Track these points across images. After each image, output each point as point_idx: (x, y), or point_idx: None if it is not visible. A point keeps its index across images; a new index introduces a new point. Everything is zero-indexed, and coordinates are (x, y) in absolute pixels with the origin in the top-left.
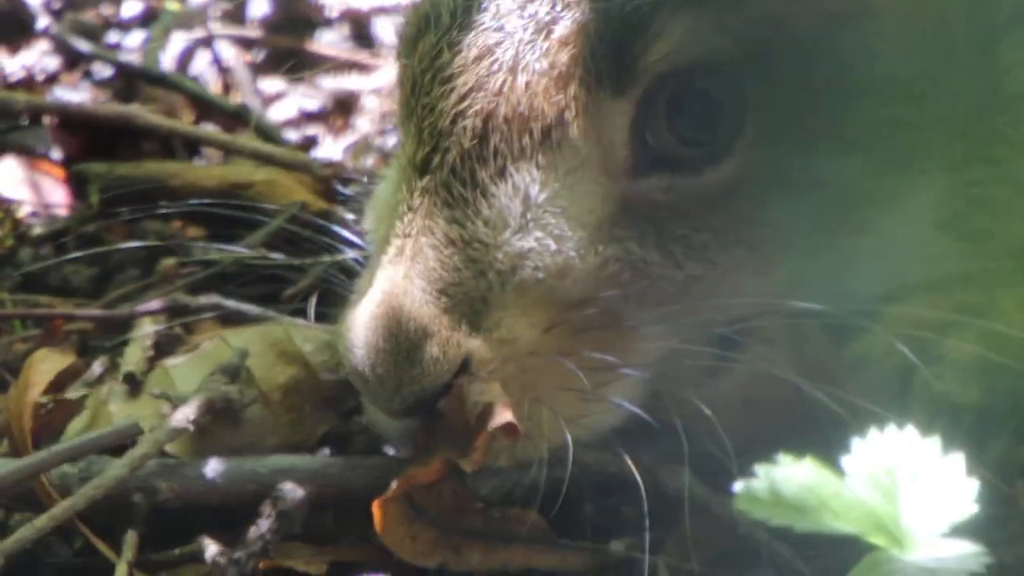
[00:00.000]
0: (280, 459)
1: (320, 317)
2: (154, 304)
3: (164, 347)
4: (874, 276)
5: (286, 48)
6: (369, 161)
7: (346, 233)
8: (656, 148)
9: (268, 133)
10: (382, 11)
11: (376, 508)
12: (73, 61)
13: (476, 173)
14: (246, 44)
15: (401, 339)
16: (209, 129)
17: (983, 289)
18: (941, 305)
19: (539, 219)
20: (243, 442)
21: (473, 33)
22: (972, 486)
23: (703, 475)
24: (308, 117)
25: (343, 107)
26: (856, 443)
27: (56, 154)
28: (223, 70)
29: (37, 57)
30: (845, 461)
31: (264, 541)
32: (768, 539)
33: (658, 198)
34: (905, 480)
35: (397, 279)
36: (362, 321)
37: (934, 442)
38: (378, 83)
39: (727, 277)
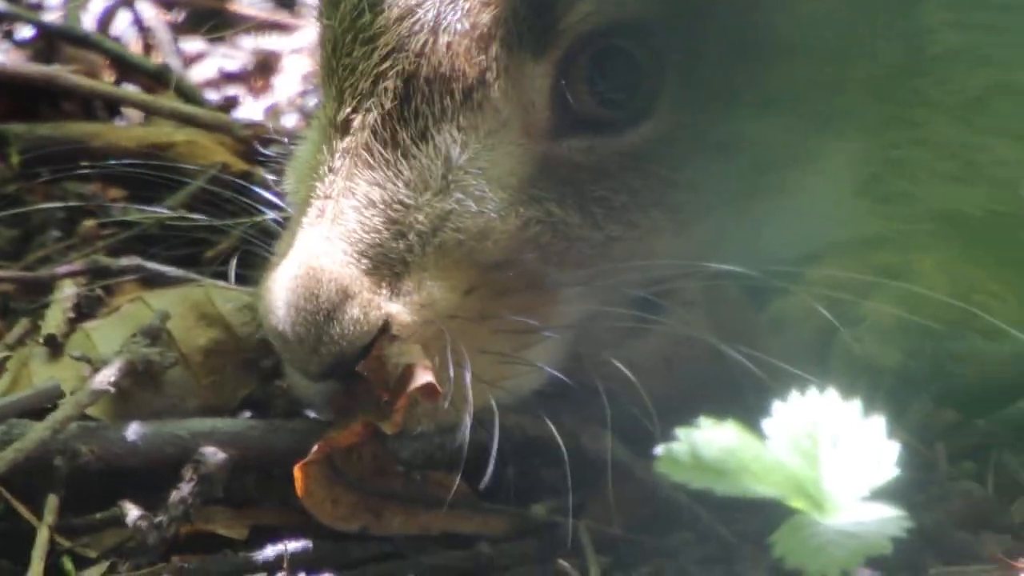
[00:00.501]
0: (201, 422)
1: (241, 279)
2: (75, 266)
3: (85, 309)
4: (792, 238)
5: (207, 8)
6: (290, 122)
7: (267, 194)
8: (577, 109)
9: (189, 94)
10: None
11: (297, 471)
12: None
13: (397, 134)
14: (167, 4)
15: (321, 299)
16: (130, 90)
17: (902, 251)
18: (860, 267)
19: (460, 181)
20: (164, 405)
21: None
22: (893, 449)
23: (625, 438)
24: (229, 78)
25: (264, 68)
26: (777, 406)
27: None
28: (144, 30)
29: None
30: (766, 424)
31: (185, 505)
32: (689, 502)
33: (578, 159)
34: (826, 443)
35: (318, 240)
36: (282, 282)
37: (855, 405)
38: (299, 43)
39: (646, 239)
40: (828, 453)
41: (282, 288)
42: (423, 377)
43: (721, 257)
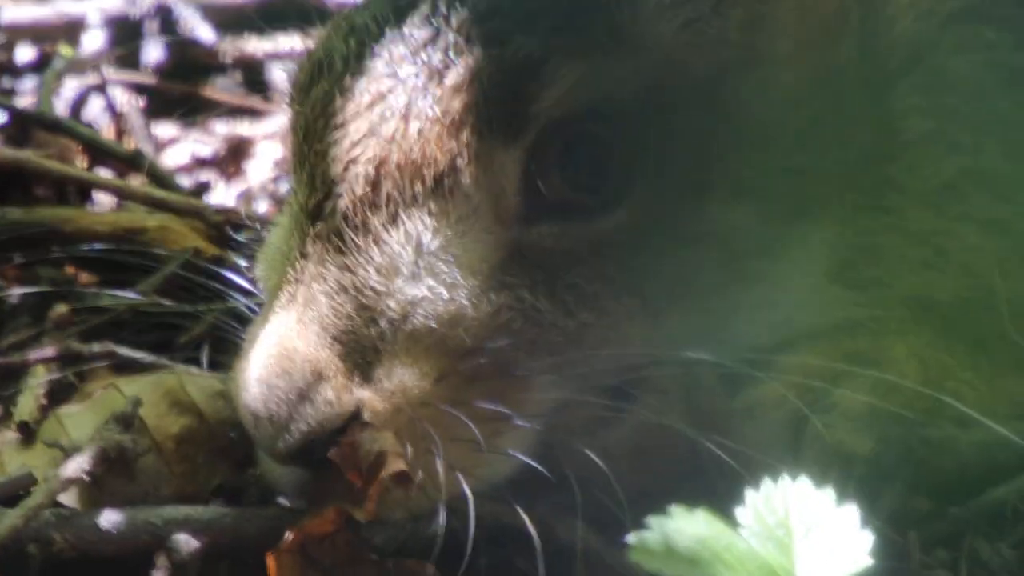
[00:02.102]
0: (174, 510)
1: (214, 365)
2: (47, 351)
3: (57, 395)
4: (765, 325)
5: (180, 93)
6: (262, 207)
7: (239, 279)
8: (548, 195)
9: (161, 179)
10: (276, 57)
11: (270, 559)
12: None
13: (368, 220)
14: (139, 89)
15: (295, 378)
16: (102, 174)
17: (874, 338)
18: (832, 354)
19: (431, 267)
20: (137, 492)
21: (365, 79)
22: (866, 538)
23: (597, 526)
24: (201, 163)
25: (236, 153)
26: (749, 494)
27: None
28: (116, 115)
29: None
30: (739, 512)
31: None
32: None
33: (549, 245)
34: (799, 532)
35: (291, 323)
36: (256, 360)
37: (828, 493)
38: (271, 129)
39: (618, 326)
40: (801, 542)
41: (256, 366)
42: (396, 464)
43: (694, 345)
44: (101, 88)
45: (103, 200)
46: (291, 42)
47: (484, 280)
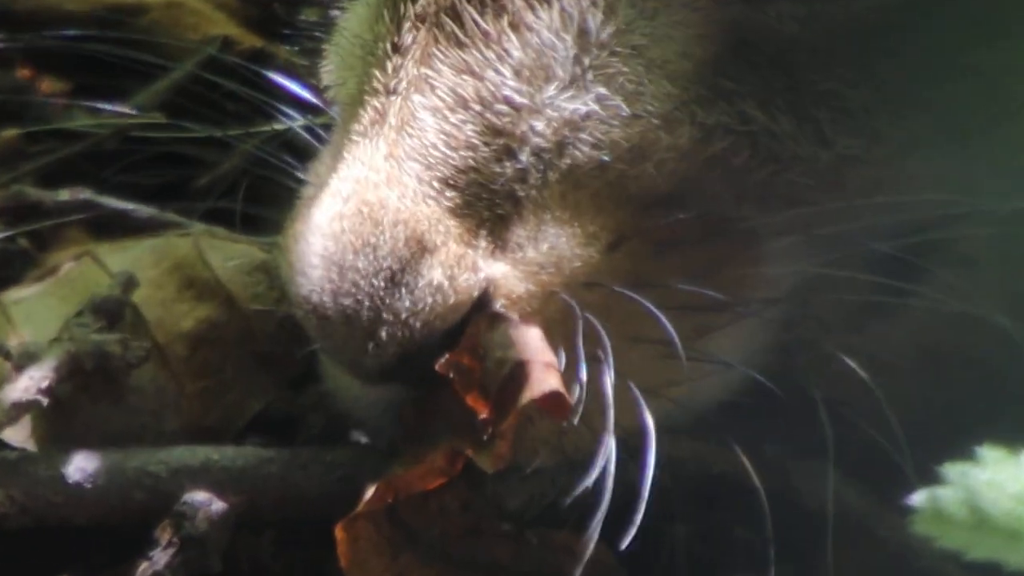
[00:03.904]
0: (187, 452)
1: (251, 223)
2: None
3: (2, 270)
4: None
5: None
6: None
7: (294, 87)
8: None
9: None
10: None
11: (340, 531)
12: None
13: None
14: None
15: (383, 252)
16: None
17: None
18: None
19: (602, 67)
20: (129, 424)
21: None
22: None
23: (860, 478)
24: None
25: None
26: None
27: None
28: None
29: None
30: None
31: None
32: None
33: (792, 31)
34: None
35: (377, 161)
36: (321, 225)
37: None
38: None
39: (899, 161)
40: None
41: (320, 235)
42: (545, 382)
43: (1017, 191)
44: None
45: None
46: None
47: (688, 87)
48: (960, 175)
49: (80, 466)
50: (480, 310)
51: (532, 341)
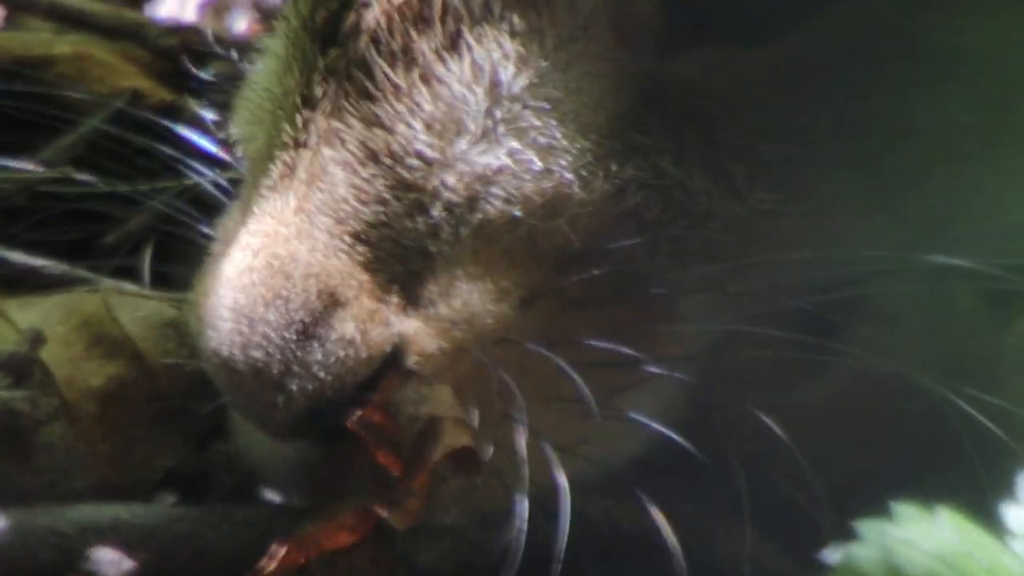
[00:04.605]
0: (95, 509)
1: (161, 279)
2: None
3: None
4: None
5: None
6: (240, 24)
7: (203, 142)
8: (699, 2)
9: None
10: None
11: None
12: None
13: (412, 43)
14: None
15: (294, 306)
16: None
17: None
18: None
19: (515, 120)
20: (35, 483)
21: None
22: None
23: (778, 537)
24: None
25: None
26: None
27: None
28: None
29: None
30: (1008, 511)
31: None
32: None
33: (705, 84)
34: None
35: (287, 216)
36: (231, 279)
37: None
38: None
39: (819, 215)
40: None
41: (230, 288)
42: (456, 438)
43: (939, 246)
44: None
45: None
46: None
47: (600, 140)
48: (884, 230)
49: None
50: (392, 366)
51: (444, 398)
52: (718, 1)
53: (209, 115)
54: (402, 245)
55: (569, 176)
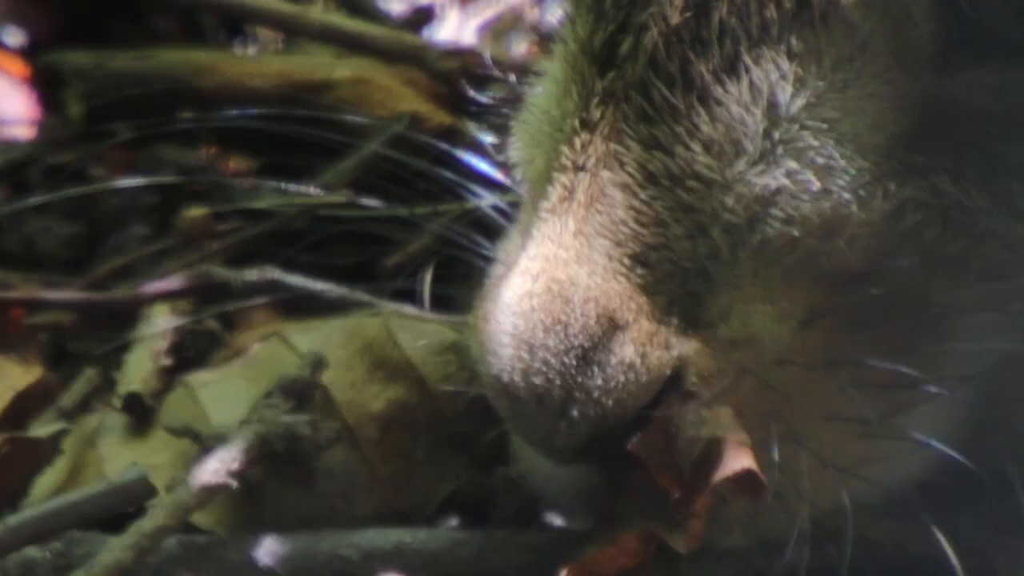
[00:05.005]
0: (378, 534)
1: (441, 303)
2: (172, 282)
3: (189, 352)
4: None
5: None
6: (519, 48)
7: (482, 165)
8: (979, 21)
9: (356, 2)
10: None
11: None
12: None
13: (691, 66)
14: None
15: (574, 331)
16: None
17: None
18: None
19: (792, 141)
20: (319, 507)
21: None
22: None
23: None
24: None
25: None
26: None
27: (12, 38)
28: None
29: None
30: None
31: None
32: None
33: (983, 101)
34: None
35: (566, 239)
36: (511, 304)
37: None
38: None
39: None
40: None
41: (510, 313)
42: (738, 460)
43: None
44: None
45: (264, 37)
46: None
47: (879, 161)
48: None
49: (270, 550)
50: (672, 388)
51: (725, 420)
52: (998, 20)
53: (488, 138)
54: (681, 267)
55: (847, 196)
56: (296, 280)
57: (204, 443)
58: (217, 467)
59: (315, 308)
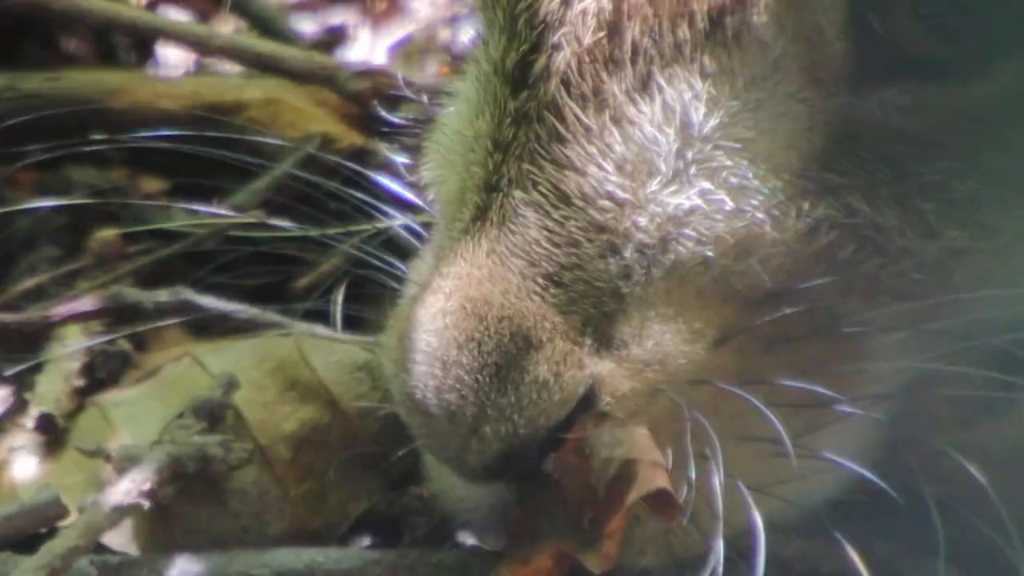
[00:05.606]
0: (291, 554)
1: (352, 323)
2: (84, 302)
3: (101, 373)
4: None
5: None
6: (430, 68)
7: (394, 186)
8: (892, 40)
9: (268, 22)
10: None
11: None
12: None
13: (603, 86)
14: None
15: (487, 349)
16: (173, 17)
17: None
18: None
19: (706, 160)
20: (230, 527)
21: None
22: None
23: (971, 574)
24: None
25: None
26: None
27: None
28: None
29: None
30: None
31: None
32: None
33: (897, 122)
34: None
35: (479, 258)
36: (424, 322)
37: None
38: None
39: (1010, 252)
40: None
41: (423, 331)
42: (652, 480)
43: None
44: None
45: (174, 58)
46: None
47: (793, 180)
48: None
49: (183, 569)
50: (585, 408)
51: (639, 440)
52: (911, 39)
53: (400, 159)
54: (595, 287)
55: (761, 216)
56: (208, 301)
57: (116, 464)
58: (129, 487)
59: (227, 329)
